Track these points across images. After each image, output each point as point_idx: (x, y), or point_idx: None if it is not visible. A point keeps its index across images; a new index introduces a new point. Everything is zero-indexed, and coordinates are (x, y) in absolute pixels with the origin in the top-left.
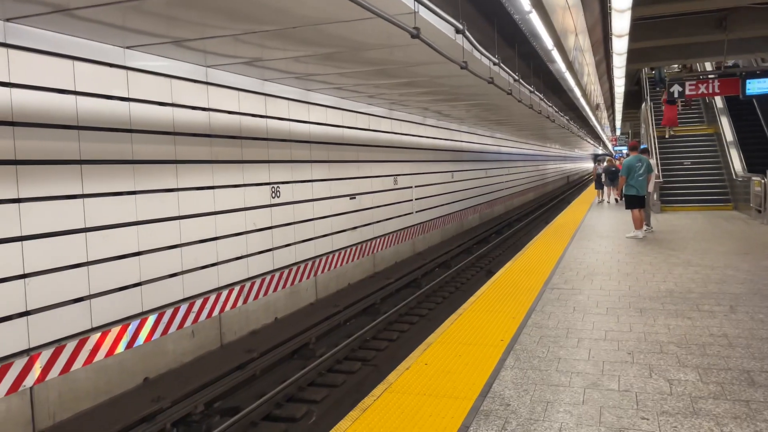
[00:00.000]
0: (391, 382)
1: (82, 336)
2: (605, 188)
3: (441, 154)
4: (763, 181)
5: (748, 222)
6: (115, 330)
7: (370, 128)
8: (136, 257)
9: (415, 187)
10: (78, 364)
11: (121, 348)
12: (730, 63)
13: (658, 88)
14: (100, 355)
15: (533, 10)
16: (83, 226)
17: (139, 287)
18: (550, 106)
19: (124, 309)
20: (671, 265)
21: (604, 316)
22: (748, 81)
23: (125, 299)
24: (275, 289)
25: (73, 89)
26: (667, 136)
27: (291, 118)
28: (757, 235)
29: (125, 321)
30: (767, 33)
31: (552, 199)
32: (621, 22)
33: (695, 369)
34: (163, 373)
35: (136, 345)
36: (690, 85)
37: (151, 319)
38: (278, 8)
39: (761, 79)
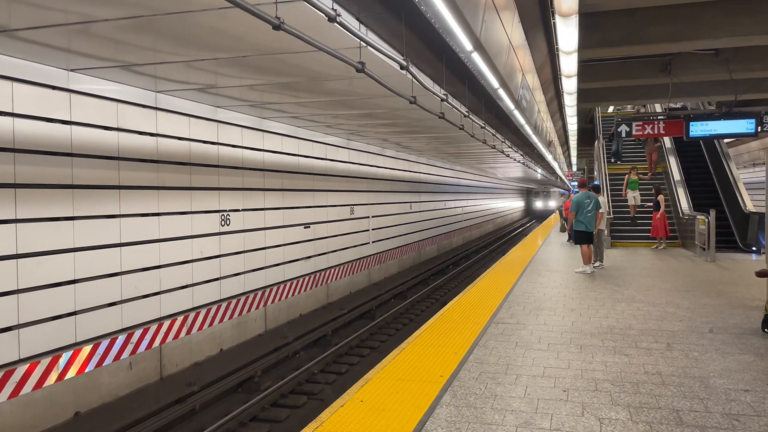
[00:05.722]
0: (323, 420)
1: (9, 368)
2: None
3: (400, 184)
4: (707, 219)
5: (693, 259)
6: (45, 361)
7: (327, 158)
8: (72, 285)
9: (373, 217)
10: (2, 397)
11: (51, 380)
12: (678, 105)
13: (613, 160)
14: (28, 387)
15: (475, 51)
16: (15, 252)
17: (73, 316)
18: (503, 141)
19: (56, 339)
20: (615, 301)
21: (544, 352)
22: (691, 123)
23: (58, 329)
24: (221, 320)
25: (10, 111)
26: (661, 248)
27: (244, 145)
28: (700, 273)
29: (57, 352)
30: (709, 78)
31: (510, 232)
32: (569, 63)
33: (626, 408)
34: (96, 407)
35: (67, 377)
36: (637, 125)
37: (86, 350)
38: (233, 36)
39: (704, 122)
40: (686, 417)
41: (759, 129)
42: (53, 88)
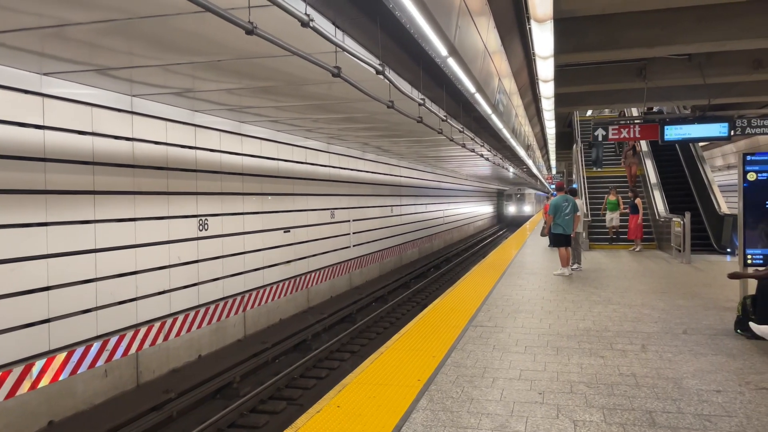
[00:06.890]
0: (298, 427)
1: None
2: None
3: (380, 188)
4: (682, 221)
5: (669, 261)
6: (17, 370)
7: (307, 161)
8: (45, 292)
9: (353, 220)
10: None
11: (24, 389)
12: (654, 109)
13: (594, 168)
14: None
15: (450, 56)
16: None
17: (46, 324)
18: (482, 145)
19: (29, 347)
20: (592, 303)
21: (521, 355)
22: (666, 127)
23: (30, 337)
24: (200, 326)
25: None
26: (637, 250)
27: (222, 149)
28: (675, 274)
29: (29, 360)
30: (683, 82)
31: (491, 235)
32: (545, 68)
33: (601, 409)
34: (70, 415)
35: (40, 386)
36: (613, 129)
37: (60, 358)
38: (208, 40)
39: (679, 126)
40: (659, 418)
41: (732, 132)
42: (26, 92)
